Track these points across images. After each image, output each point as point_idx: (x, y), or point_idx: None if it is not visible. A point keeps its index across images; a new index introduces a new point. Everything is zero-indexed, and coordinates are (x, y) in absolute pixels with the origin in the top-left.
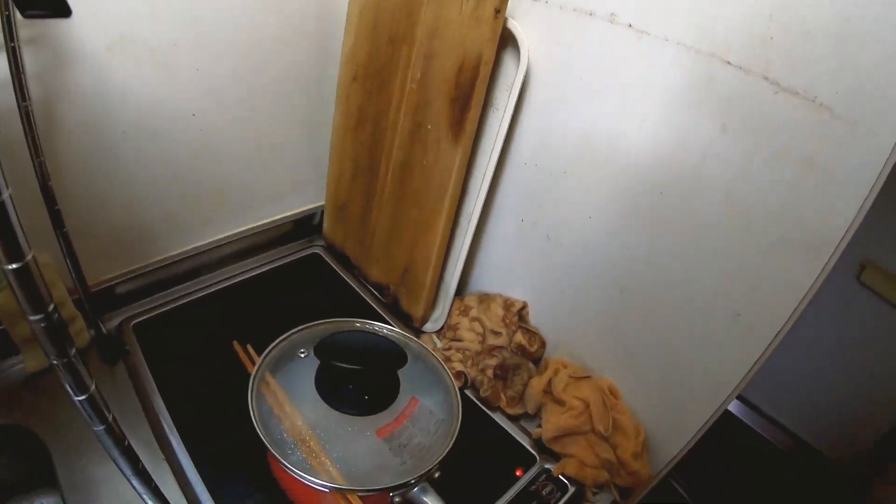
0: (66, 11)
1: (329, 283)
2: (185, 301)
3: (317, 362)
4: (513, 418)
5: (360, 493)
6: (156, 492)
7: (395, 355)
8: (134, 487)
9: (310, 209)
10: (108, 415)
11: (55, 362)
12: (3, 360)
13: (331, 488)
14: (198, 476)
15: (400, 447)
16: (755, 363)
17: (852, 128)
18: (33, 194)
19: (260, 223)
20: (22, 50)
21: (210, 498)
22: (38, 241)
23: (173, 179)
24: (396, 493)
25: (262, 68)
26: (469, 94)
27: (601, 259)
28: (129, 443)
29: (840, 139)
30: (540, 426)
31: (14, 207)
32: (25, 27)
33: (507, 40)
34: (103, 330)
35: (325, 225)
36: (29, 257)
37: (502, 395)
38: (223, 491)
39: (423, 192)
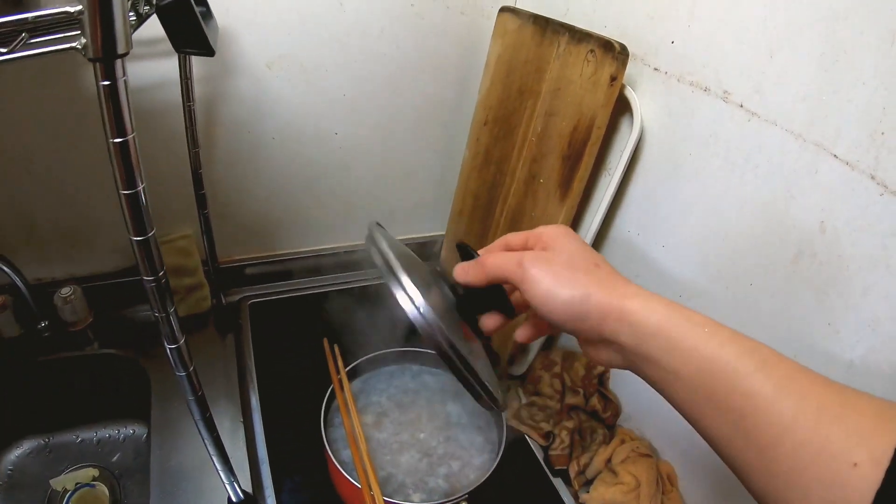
0: (211, 52)
1: None
2: (300, 293)
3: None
4: (569, 482)
5: None
6: (217, 441)
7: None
8: (199, 431)
9: (433, 236)
10: (189, 365)
11: (157, 315)
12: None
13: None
14: (265, 447)
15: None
16: None
17: None
18: (186, 178)
19: None
20: (192, 60)
21: (269, 467)
22: (186, 216)
23: (309, 185)
24: None
25: (401, 99)
26: (580, 155)
27: None
28: (203, 393)
29: None
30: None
31: (146, 197)
32: None
33: (624, 105)
34: (223, 301)
35: (443, 254)
36: (151, 233)
37: (575, 464)
38: (282, 464)
39: None
